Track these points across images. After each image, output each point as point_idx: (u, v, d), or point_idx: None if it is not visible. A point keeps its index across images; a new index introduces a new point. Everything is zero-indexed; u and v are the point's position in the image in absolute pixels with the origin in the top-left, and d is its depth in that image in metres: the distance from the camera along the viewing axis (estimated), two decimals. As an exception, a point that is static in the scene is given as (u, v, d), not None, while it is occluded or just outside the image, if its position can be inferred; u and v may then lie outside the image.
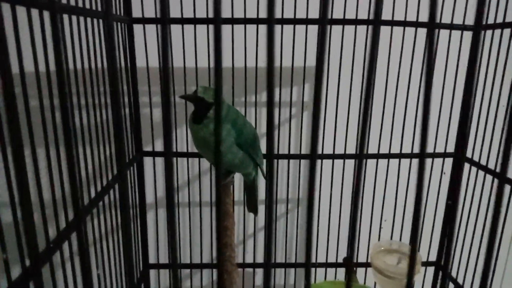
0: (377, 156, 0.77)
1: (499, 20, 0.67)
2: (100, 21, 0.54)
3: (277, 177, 0.81)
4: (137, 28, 0.68)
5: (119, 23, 0.63)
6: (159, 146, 0.80)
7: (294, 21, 0.68)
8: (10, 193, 0.32)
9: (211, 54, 0.69)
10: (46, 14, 0.37)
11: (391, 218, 0.80)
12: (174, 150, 0.77)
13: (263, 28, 0.69)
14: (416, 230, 0.21)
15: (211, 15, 0.68)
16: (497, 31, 0.67)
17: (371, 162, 0.78)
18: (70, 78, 0.44)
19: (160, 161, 0.81)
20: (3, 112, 0.25)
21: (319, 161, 0.79)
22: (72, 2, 0.46)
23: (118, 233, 0.63)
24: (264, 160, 0.69)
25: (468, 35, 0.72)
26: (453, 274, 0.77)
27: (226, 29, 0.68)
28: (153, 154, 0.74)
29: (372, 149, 0.77)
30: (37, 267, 0.36)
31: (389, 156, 0.77)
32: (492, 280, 0.65)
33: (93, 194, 0.52)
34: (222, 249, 0.19)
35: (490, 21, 0.68)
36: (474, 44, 0.20)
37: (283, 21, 0.68)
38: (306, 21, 0.67)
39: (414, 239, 0.22)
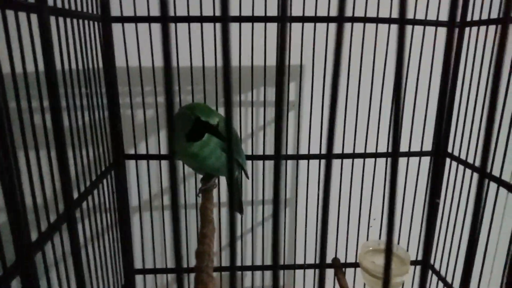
0: (364, 155, 0.76)
1: (485, 17, 0.66)
2: (75, 20, 0.53)
3: (264, 178, 0.80)
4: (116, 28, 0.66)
5: (95, 22, 0.61)
6: (142, 149, 0.79)
7: (278, 19, 0.66)
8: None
9: (193, 53, 0.68)
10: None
11: (379, 217, 0.80)
12: (158, 153, 0.75)
13: (246, 26, 0.68)
14: (391, 229, 0.20)
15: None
16: (483, 28, 0.67)
17: (358, 162, 0.77)
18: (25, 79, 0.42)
19: (143, 163, 0.79)
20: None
21: (305, 162, 0.78)
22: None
23: (99, 239, 0.61)
24: (248, 162, 0.68)
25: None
26: (442, 273, 0.76)
27: (207, 27, 0.67)
28: (136, 157, 0.72)
29: (358, 148, 0.76)
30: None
31: (376, 155, 0.76)
32: (480, 279, 0.64)
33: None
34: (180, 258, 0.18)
35: (476, 18, 0.68)
36: (448, 41, 0.19)
37: (266, 19, 0.67)
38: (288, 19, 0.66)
39: (389, 238, 0.21)
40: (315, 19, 0.68)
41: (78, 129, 0.53)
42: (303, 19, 0.68)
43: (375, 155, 0.76)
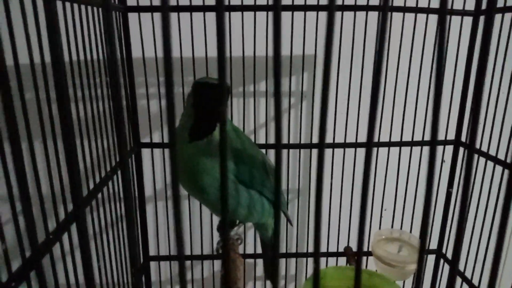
0: (378, 144, 0.77)
1: (500, 4, 0.66)
2: (95, 9, 0.53)
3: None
4: (132, 17, 0.66)
5: (113, 12, 0.62)
6: (156, 138, 0.79)
7: (292, 8, 0.66)
8: (9, 187, 0.31)
9: (209, 43, 0.68)
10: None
11: (391, 207, 0.80)
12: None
13: (260, 15, 0.68)
14: (425, 226, 0.21)
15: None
16: (498, 16, 0.66)
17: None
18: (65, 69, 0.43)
19: (158, 152, 0.80)
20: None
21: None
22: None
23: (118, 225, 0.62)
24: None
25: (467, 20, 0.71)
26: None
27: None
28: (151, 145, 0.73)
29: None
30: (37, 258, 0.36)
31: (389, 144, 0.77)
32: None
33: (91, 186, 0.51)
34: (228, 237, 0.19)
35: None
36: (486, 29, 0.19)
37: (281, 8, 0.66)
38: (304, 8, 0.66)
39: (423, 235, 0.21)
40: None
41: (99, 118, 0.54)
42: (318, 8, 0.68)
43: (389, 145, 0.76)
